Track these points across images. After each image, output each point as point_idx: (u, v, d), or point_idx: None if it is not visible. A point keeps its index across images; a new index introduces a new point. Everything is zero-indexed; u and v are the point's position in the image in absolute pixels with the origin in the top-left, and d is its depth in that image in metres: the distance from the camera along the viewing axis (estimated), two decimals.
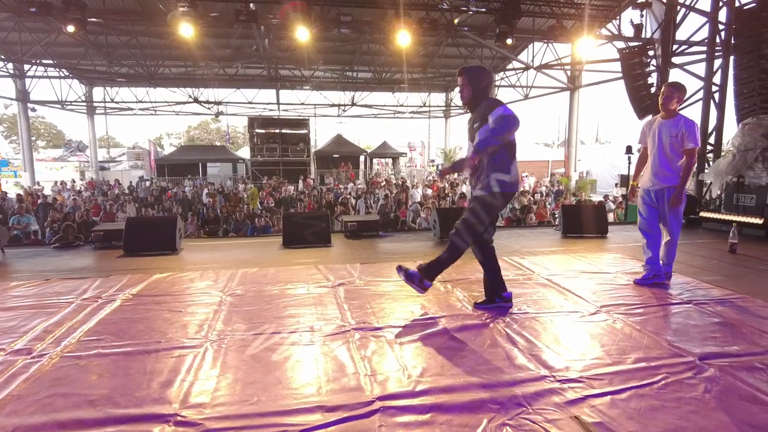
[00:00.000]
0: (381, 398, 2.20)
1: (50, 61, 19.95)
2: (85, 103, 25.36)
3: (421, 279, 3.30)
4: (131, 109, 26.51)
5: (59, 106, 23.63)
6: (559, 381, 2.36)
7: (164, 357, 2.66)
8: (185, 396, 2.22)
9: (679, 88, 4.03)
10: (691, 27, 10.67)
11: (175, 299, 3.73)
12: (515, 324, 3.14)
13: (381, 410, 2.10)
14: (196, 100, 25.34)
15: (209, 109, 26.97)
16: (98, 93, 25.53)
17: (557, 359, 2.62)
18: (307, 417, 2.05)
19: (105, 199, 16.09)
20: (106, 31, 16.01)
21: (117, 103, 25.67)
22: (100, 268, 4.88)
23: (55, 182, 21.41)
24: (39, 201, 14.72)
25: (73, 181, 22.38)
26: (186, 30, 9.37)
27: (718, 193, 7.87)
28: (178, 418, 2.04)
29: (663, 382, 2.35)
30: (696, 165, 4.07)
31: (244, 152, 31.03)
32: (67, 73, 22.27)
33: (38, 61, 19.48)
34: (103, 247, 5.92)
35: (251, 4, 10.42)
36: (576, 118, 21.30)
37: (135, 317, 3.31)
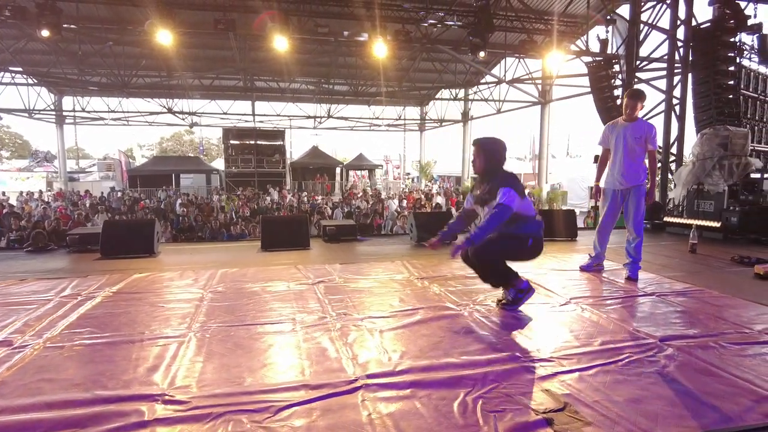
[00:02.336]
0: (363, 377, 2.30)
1: (18, 68, 19.53)
2: (54, 112, 24.82)
3: (517, 290, 3.36)
4: (103, 119, 26.07)
5: (26, 114, 23.06)
6: (531, 361, 2.50)
7: (149, 346, 2.70)
8: (172, 379, 2.28)
9: (640, 96, 4.35)
10: (654, 43, 11.22)
11: (156, 296, 3.76)
12: (490, 314, 3.29)
13: (363, 387, 2.20)
14: (170, 111, 25.09)
15: (183, 119, 26.74)
16: (68, 102, 25.05)
17: (529, 343, 2.77)
18: (292, 394, 2.14)
19: (75, 209, 15.75)
20: (79, 38, 15.80)
21: (88, 112, 25.18)
22: (77, 270, 4.84)
23: (21, 192, 20.82)
24: (5, 210, 14.32)
25: (41, 192, 21.80)
26: (164, 38, 9.38)
27: (681, 199, 8.24)
28: (166, 397, 2.10)
29: (626, 360, 2.52)
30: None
31: (218, 164, 30.79)
32: (35, 81, 21.82)
33: (5, 68, 19.04)
34: (78, 251, 5.85)
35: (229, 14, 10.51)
36: (547, 131, 21.90)
37: (116, 312, 3.33)
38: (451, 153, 31.64)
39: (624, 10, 11.70)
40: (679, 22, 9.58)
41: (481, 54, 11.42)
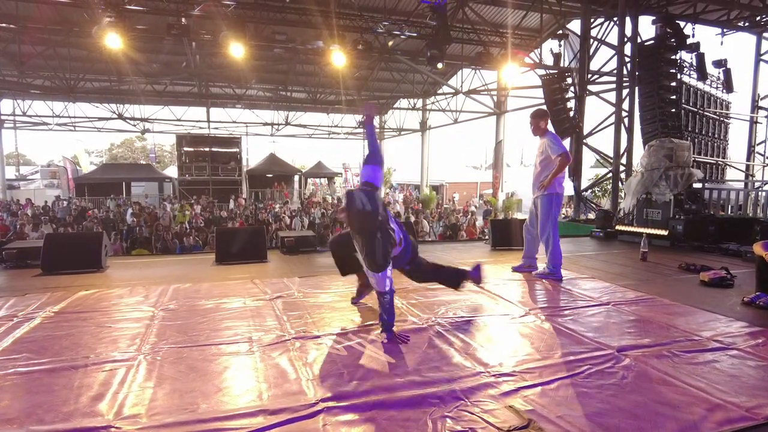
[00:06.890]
0: (324, 400, 2.22)
1: None
2: None
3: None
4: (47, 123, 24.72)
5: None
6: (493, 376, 2.49)
7: (94, 372, 2.52)
8: (119, 408, 2.13)
9: (537, 115, 4.87)
10: (603, 58, 11.70)
11: (103, 315, 3.53)
12: (451, 327, 3.27)
13: (324, 411, 2.12)
14: (120, 117, 24.12)
15: (135, 126, 25.76)
16: (7, 105, 23.63)
17: (491, 357, 2.76)
18: (249, 420, 2.03)
19: (15, 219, 14.84)
20: (19, 38, 14.94)
21: (30, 116, 23.85)
22: (13, 288, 4.50)
23: None
24: None
25: None
26: (113, 41, 8.99)
27: (631, 208, 8.57)
28: (112, 429, 1.95)
29: (586, 372, 2.55)
30: (567, 168, 4.81)
31: (172, 171, 29.82)
32: None
33: None
34: (17, 267, 5.46)
35: (183, 19, 10.20)
36: (502, 141, 22.40)
37: (58, 334, 3.10)
38: (410, 161, 31.92)
39: (575, 26, 12.17)
40: (625, 39, 10.04)
41: (439, 65, 11.57)
